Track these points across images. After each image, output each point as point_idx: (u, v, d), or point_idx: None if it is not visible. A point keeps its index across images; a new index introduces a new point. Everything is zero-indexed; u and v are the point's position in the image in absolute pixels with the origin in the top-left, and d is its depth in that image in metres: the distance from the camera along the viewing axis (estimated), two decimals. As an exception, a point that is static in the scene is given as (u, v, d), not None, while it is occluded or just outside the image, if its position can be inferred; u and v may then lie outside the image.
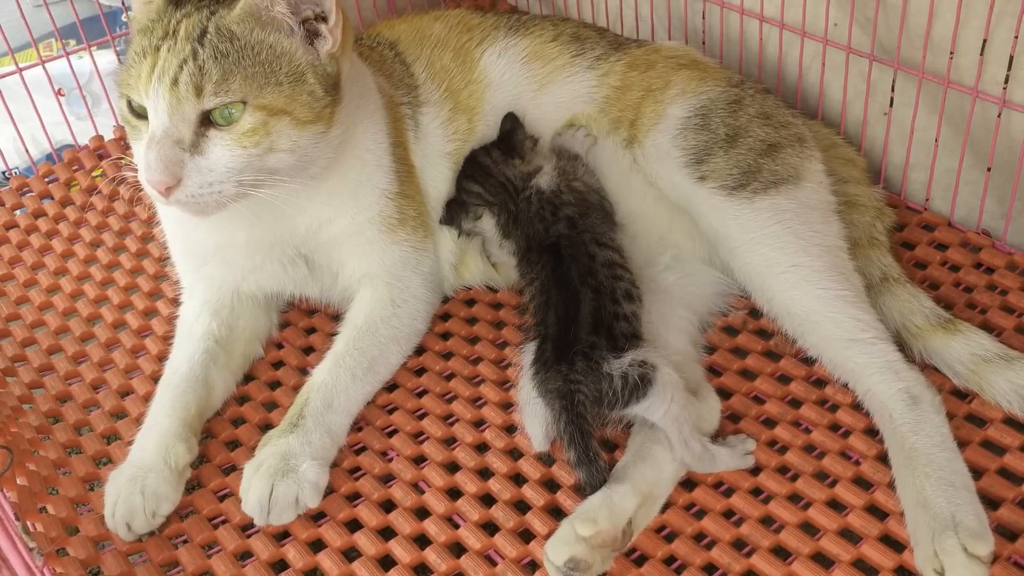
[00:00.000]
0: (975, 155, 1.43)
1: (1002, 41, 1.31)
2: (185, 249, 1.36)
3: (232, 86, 1.09)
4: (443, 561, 1.12)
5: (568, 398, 1.12)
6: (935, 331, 1.25)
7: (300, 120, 1.14)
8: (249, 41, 1.12)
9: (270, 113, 1.11)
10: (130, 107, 1.15)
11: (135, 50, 1.13)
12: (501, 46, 1.47)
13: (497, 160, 1.38)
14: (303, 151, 1.16)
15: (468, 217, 1.39)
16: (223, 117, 1.10)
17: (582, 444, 1.11)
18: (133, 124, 1.15)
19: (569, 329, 1.18)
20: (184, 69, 1.08)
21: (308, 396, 1.23)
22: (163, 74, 1.09)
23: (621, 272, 1.26)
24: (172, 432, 1.22)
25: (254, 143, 1.11)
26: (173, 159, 1.09)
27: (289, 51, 1.14)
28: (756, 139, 1.34)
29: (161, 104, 1.09)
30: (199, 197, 1.11)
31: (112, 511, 1.15)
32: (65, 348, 1.46)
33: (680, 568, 1.10)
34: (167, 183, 1.09)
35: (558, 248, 1.28)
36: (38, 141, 1.90)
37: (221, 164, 1.11)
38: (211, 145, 1.10)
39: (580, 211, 1.32)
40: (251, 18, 1.12)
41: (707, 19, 1.72)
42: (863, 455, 1.18)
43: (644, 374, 1.13)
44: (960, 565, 1.00)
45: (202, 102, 1.09)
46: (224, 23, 1.12)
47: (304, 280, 1.36)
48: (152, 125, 1.10)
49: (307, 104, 1.15)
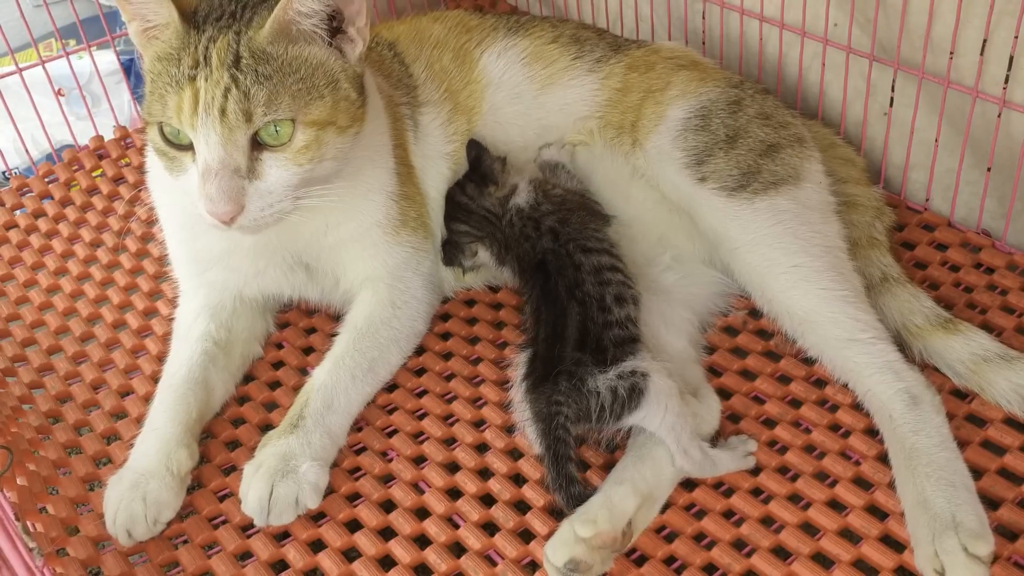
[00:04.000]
0: (975, 155, 1.43)
1: (1002, 41, 1.31)
2: (189, 255, 1.36)
3: (281, 107, 1.08)
4: (443, 561, 1.12)
5: (548, 421, 1.13)
6: (935, 331, 1.25)
7: (342, 127, 1.14)
8: (286, 59, 1.10)
9: (319, 127, 1.11)
10: (163, 137, 1.12)
11: (164, 80, 1.09)
12: (501, 47, 1.47)
13: (473, 194, 1.37)
14: (345, 155, 1.17)
15: (466, 255, 1.39)
16: (271, 135, 1.09)
17: (556, 469, 1.11)
18: (172, 155, 1.12)
19: (556, 347, 1.18)
20: (229, 98, 1.06)
21: (308, 397, 1.23)
22: (210, 106, 1.06)
23: (610, 275, 1.25)
24: (174, 437, 1.21)
25: (308, 159, 1.11)
26: (235, 189, 1.08)
27: (324, 61, 1.13)
28: (756, 140, 1.34)
29: (213, 137, 1.07)
30: (261, 219, 1.12)
31: (113, 518, 1.15)
32: (65, 348, 1.46)
33: (680, 568, 1.10)
34: (232, 213, 1.09)
35: (545, 264, 1.28)
36: (38, 141, 1.90)
37: (280, 184, 1.11)
38: (267, 168, 1.10)
39: (561, 217, 1.32)
40: (282, 35, 1.10)
41: (707, 19, 1.72)
42: (863, 455, 1.18)
43: (634, 384, 1.13)
44: (960, 565, 1.01)
45: (252, 126, 1.08)
46: (257, 45, 1.09)
47: (303, 284, 1.37)
48: (205, 157, 1.08)
49: (346, 110, 1.15)
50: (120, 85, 2.00)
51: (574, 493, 1.10)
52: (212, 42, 1.08)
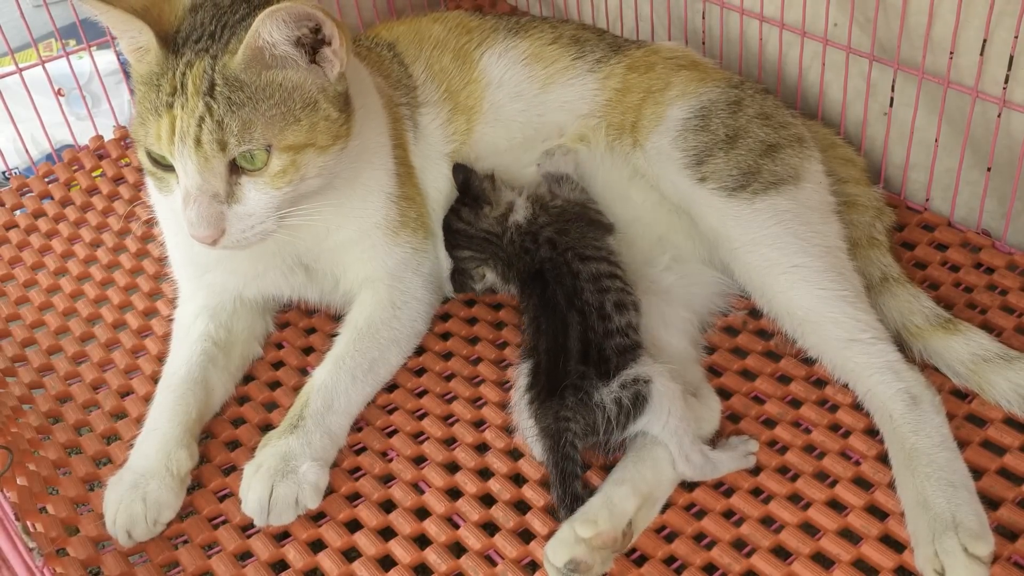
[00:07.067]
0: (975, 155, 1.43)
1: (1002, 41, 1.31)
2: (189, 258, 1.36)
3: (254, 135, 1.09)
4: (443, 561, 1.12)
5: (556, 438, 1.12)
6: (935, 331, 1.25)
7: (322, 147, 1.15)
8: (259, 85, 1.10)
9: (295, 151, 1.12)
10: (151, 158, 1.14)
11: (146, 106, 1.10)
12: (501, 47, 1.47)
13: (470, 219, 1.36)
14: (330, 171, 1.17)
15: (475, 280, 1.39)
16: (247, 160, 1.10)
17: (563, 487, 1.11)
18: (159, 176, 1.15)
19: (559, 359, 1.17)
20: (204, 128, 1.07)
21: (308, 397, 1.23)
22: (184, 135, 1.07)
23: (609, 283, 1.24)
24: (174, 438, 1.21)
25: (286, 181, 1.12)
26: (213, 214, 1.10)
27: (299, 84, 1.12)
28: (756, 140, 1.34)
29: (189, 165, 1.08)
30: (243, 240, 1.13)
31: (113, 519, 1.15)
32: (65, 348, 1.46)
33: (680, 568, 1.10)
34: (213, 237, 1.11)
35: (543, 273, 1.27)
36: (38, 141, 1.90)
37: (260, 207, 1.12)
38: (245, 192, 1.11)
39: (559, 228, 1.31)
40: (255, 61, 1.10)
41: (707, 19, 1.72)
42: (863, 455, 1.18)
43: (638, 392, 1.13)
44: (960, 565, 1.01)
45: (227, 155, 1.09)
46: (231, 72, 1.09)
47: (303, 286, 1.37)
48: (184, 183, 1.10)
49: (326, 130, 1.15)
50: (120, 85, 2.00)
51: (576, 509, 1.10)
52: (189, 67, 1.09)
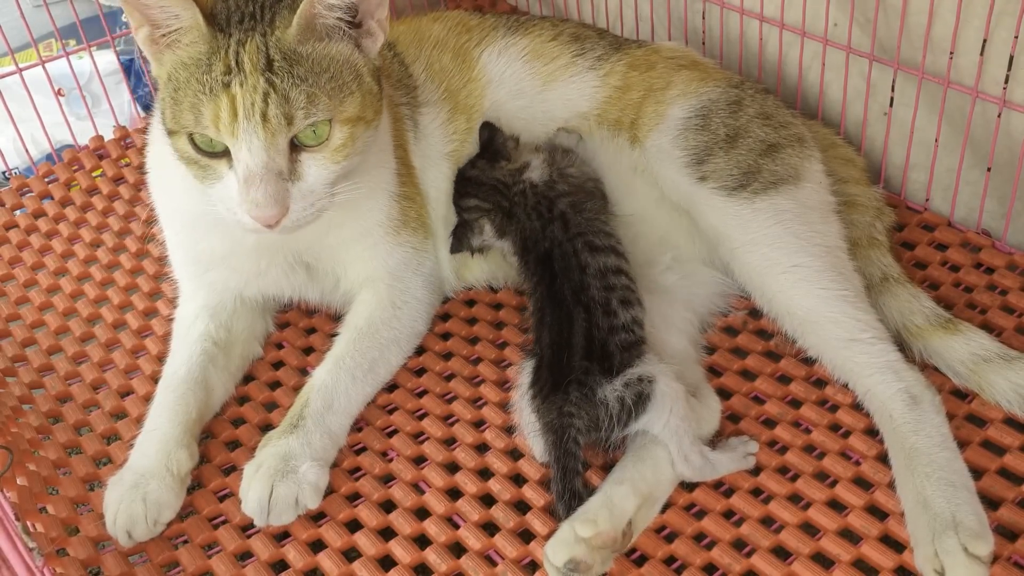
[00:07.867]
0: (975, 155, 1.43)
1: (1002, 41, 1.31)
2: (191, 256, 1.35)
3: (319, 107, 1.08)
4: (443, 561, 1.12)
5: (559, 434, 1.12)
6: (935, 331, 1.25)
7: (369, 120, 1.15)
8: (316, 58, 1.09)
9: (352, 123, 1.12)
10: (194, 146, 1.10)
11: (195, 89, 1.06)
12: (501, 45, 1.47)
13: (484, 168, 1.37)
14: (369, 148, 1.17)
15: (475, 234, 1.38)
16: (309, 137, 1.09)
17: (563, 484, 1.11)
18: (204, 164, 1.11)
19: (563, 354, 1.17)
20: (270, 103, 1.05)
21: (308, 397, 1.23)
22: (250, 112, 1.05)
23: (615, 280, 1.24)
24: (174, 438, 1.21)
25: (344, 155, 1.12)
26: (280, 192, 1.08)
27: (348, 56, 1.13)
28: (756, 139, 1.34)
29: (256, 142, 1.06)
30: (303, 219, 1.12)
31: (113, 519, 1.15)
32: (65, 348, 1.46)
33: (680, 568, 1.10)
34: (279, 216, 1.09)
35: (551, 261, 1.27)
36: (38, 141, 1.90)
37: (320, 182, 1.12)
38: (306, 168, 1.11)
39: (575, 202, 1.31)
40: (309, 33, 1.09)
41: (707, 19, 1.72)
42: (863, 455, 1.18)
43: (640, 391, 1.13)
44: (960, 565, 1.01)
45: (293, 129, 1.07)
46: (286, 45, 1.08)
47: (303, 285, 1.36)
48: (247, 164, 1.07)
49: (371, 104, 1.15)
50: (120, 85, 1.99)
51: (575, 507, 1.10)
52: (241, 46, 1.07)
